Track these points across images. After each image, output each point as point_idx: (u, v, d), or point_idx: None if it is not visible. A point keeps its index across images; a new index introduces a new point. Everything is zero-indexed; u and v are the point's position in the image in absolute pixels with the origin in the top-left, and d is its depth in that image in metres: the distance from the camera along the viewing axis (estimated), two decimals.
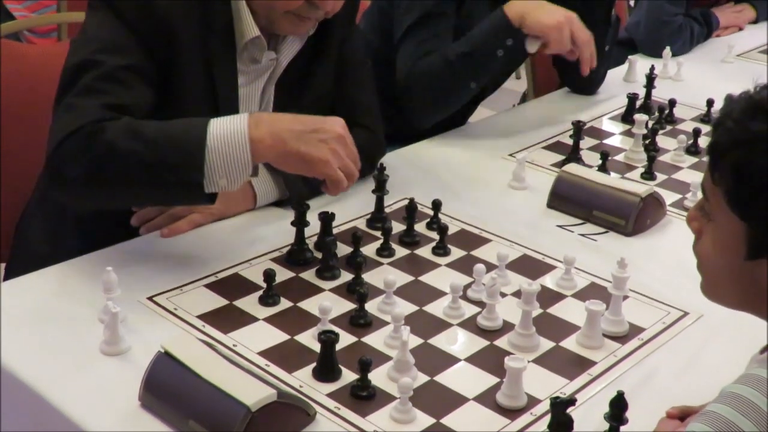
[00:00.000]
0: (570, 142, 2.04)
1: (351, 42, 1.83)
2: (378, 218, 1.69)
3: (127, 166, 1.42)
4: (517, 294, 1.42)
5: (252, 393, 1.13)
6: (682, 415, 1.17)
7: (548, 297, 1.49)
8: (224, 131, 1.41)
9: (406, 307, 1.44)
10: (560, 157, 2.02)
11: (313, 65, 1.75)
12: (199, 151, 1.39)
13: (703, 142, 2.11)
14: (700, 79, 2.59)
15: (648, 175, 1.95)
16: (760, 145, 0.97)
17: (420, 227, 1.68)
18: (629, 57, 2.61)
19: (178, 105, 1.57)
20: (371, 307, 1.42)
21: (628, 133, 2.16)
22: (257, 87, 1.69)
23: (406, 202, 1.67)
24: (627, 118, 2.24)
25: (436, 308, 1.45)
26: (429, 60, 2.05)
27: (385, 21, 2.20)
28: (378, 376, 1.27)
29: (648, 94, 2.34)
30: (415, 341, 1.35)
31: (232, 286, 1.48)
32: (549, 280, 1.54)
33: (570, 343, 1.39)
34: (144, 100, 1.52)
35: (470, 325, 1.42)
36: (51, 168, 1.47)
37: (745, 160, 0.98)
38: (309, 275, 1.53)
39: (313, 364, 1.29)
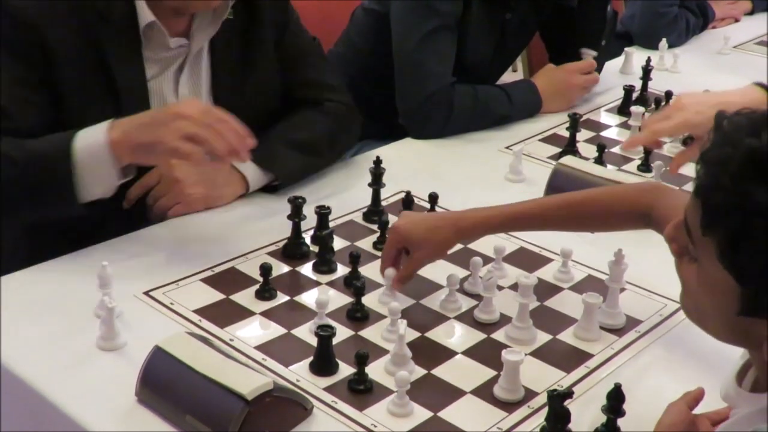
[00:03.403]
0: (566, 134, 2.03)
1: (290, 28, 1.82)
2: (374, 211, 1.69)
3: (7, 193, 1.45)
4: (514, 287, 1.42)
5: (247, 382, 1.12)
6: (691, 404, 1.16)
7: (545, 290, 1.49)
8: (86, 141, 1.43)
9: (403, 301, 1.43)
10: (557, 150, 2.02)
11: (249, 52, 1.74)
12: (65, 165, 1.42)
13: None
14: (697, 71, 2.59)
15: (644, 167, 1.95)
16: (763, 217, 0.86)
17: None
18: (625, 49, 2.60)
19: (74, 109, 1.54)
20: (368, 300, 1.42)
21: (624, 126, 2.16)
22: (168, 77, 1.66)
23: (402, 195, 1.66)
24: (623, 110, 2.24)
25: (433, 301, 1.45)
26: (462, 95, 2.07)
27: (376, 21, 2.20)
28: (375, 370, 1.27)
29: (644, 86, 2.33)
30: (412, 335, 1.35)
31: (228, 280, 1.48)
32: (546, 273, 1.54)
33: (567, 336, 1.38)
34: (35, 125, 1.50)
35: (467, 318, 1.42)
36: None
37: (747, 229, 0.87)
38: (305, 269, 1.52)
39: (310, 358, 1.29)
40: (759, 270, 0.88)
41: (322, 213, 1.57)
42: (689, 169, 1.94)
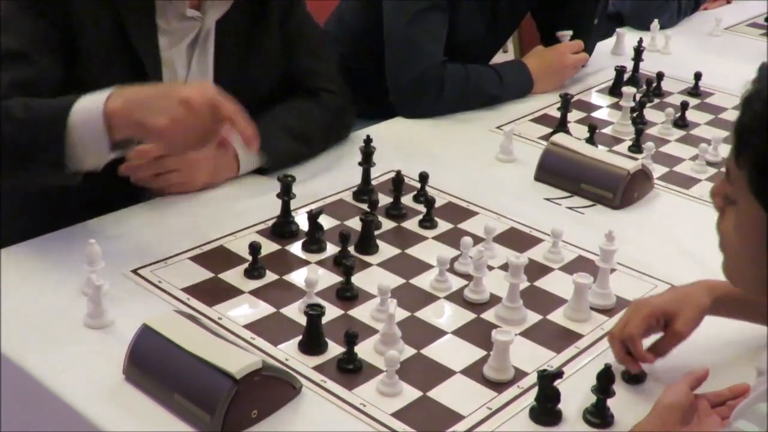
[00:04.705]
0: (558, 114, 2.03)
1: (295, 13, 1.81)
2: (364, 191, 1.68)
3: (3, 152, 1.40)
4: (505, 267, 1.41)
5: (236, 361, 1.12)
6: (693, 385, 1.15)
7: (535, 270, 1.48)
8: (85, 106, 1.37)
9: (392, 280, 1.43)
10: (548, 130, 2.01)
11: (255, 35, 1.73)
12: (59, 128, 1.36)
13: (691, 115, 2.11)
14: (688, 53, 2.58)
15: (635, 148, 1.94)
16: None
17: (407, 200, 1.67)
18: (617, 30, 2.60)
19: (92, 71, 1.53)
20: (357, 279, 1.41)
21: (615, 106, 2.15)
22: (181, 50, 1.64)
23: (392, 174, 1.65)
24: (615, 91, 2.23)
25: (423, 281, 1.44)
26: (453, 74, 2.06)
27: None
28: (364, 349, 1.26)
29: (636, 67, 2.33)
30: (401, 314, 1.35)
31: (217, 258, 1.47)
32: (536, 253, 1.53)
33: (557, 316, 1.38)
34: (50, 74, 1.49)
35: (457, 298, 1.41)
36: None
37: None
38: (295, 248, 1.51)
39: (299, 337, 1.28)
40: None
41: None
42: (681, 151, 1.95)
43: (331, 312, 1.34)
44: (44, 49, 1.49)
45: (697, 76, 2.27)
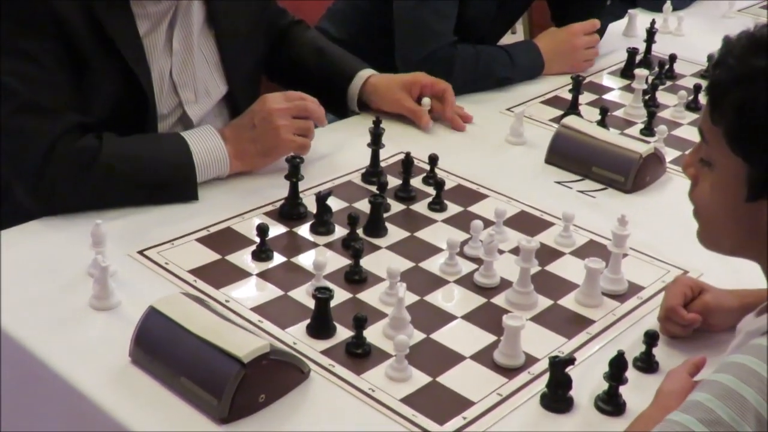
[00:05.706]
0: (569, 96, 2.00)
1: None
2: (373, 172, 1.66)
3: (125, 187, 1.51)
4: (515, 251, 1.40)
5: (244, 345, 1.10)
6: (692, 371, 1.14)
7: (546, 254, 1.46)
8: (207, 156, 1.56)
9: (401, 264, 1.41)
10: (559, 112, 1.99)
11: (244, 11, 1.75)
12: (191, 173, 1.54)
13: (704, 98, 2.07)
14: (701, 35, 2.54)
15: (647, 131, 1.92)
16: (762, 81, 0.95)
17: (416, 182, 1.65)
18: (629, 11, 2.57)
19: (87, 74, 1.53)
20: (366, 263, 1.40)
21: (627, 89, 2.12)
22: (160, 32, 1.62)
23: (402, 156, 1.63)
24: (627, 72, 2.20)
25: (433, 265, 1.43)
26: (463, 55, 2.03)
27: None
28: (373, 334, 1.25)
29: (648, 49, 2.30)
30: (410, 298, 1.33)
31: (224, 240, 1.45)
32: (547, 237, 1.51)
33: (569, 302, 1.36)
34: (72, 89, 1.51)
35: (467, 282, 1.39)
36: (41, 191, 1.47)
37: (748, 96, 0.96)
38: (303, 230, 1.50)
39: (307, 321, 1.27)
40: (765, 141, 0.95)
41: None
42: (694, 134, 1.92)
43: (340, 295, 1.33)
44: (57, 68, 1.49)
45: (710, 58, 2.24)
